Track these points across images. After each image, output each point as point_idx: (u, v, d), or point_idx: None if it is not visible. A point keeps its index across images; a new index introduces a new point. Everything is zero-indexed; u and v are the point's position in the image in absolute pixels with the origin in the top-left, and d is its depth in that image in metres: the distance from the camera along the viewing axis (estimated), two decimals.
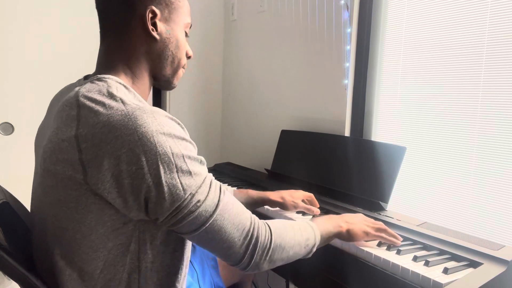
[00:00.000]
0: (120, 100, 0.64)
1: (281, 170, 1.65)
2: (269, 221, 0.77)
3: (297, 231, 0.80)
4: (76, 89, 0.67)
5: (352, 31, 1.51)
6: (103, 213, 0.64)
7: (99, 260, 0.66)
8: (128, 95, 0.67)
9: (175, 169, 0.63)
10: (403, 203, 1.38)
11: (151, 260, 0.70)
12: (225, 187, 0.74)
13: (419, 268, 0.83)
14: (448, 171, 1.26)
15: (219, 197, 0.69)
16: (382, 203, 1.19)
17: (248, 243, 0.71)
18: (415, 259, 0.87)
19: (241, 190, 1.18)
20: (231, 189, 1.19)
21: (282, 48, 1.87)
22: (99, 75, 0.71)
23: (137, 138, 0.60)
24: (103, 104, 0.63)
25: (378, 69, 1.51)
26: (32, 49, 1.80)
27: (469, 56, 1.20)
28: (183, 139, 0.66)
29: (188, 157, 0.65)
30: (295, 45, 1.79)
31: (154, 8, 0.74)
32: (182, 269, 0.75)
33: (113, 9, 0.74)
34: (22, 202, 0.90)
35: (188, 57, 0.85)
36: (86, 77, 0.77)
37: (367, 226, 0.95)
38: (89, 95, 0.65)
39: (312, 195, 1.22)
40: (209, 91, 2.36)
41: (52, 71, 1.84)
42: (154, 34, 0.75)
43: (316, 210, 1.18)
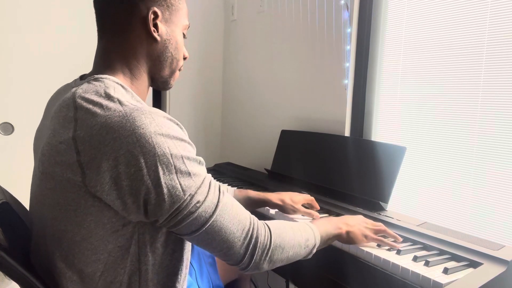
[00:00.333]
0: (118, 101, 0.63)
1: (281, 170, 1.65)
2: (269, 222, 0.77)
3: (296, 231, 0.80)
4: (73, 90, 0.67)
5: (352, 31, 1.51)
6: (102, 215, 0.64)
7: (99, 263, 0.66)
8: (125, 95, 0.66)
9: (174, 170, 0.62)
10: (403, 203, 1.38)
11: (151, 261, 0.69)
12: (225, 187, 0.74)
13: (419, 268, 0.83)
14: (448, 171, 1.26)
15: (218, 198, 0.69)
16: (382, 203, 1.19)
17: (248, 243, 0.71)
18: (415, 259, 0.88)
19: (241, 190, 1.17)
20: (232, 189, 1.18)
21: (282, 48, 1.87)
22: (96, 75, 0.70)
23: (135, 140, 0.60)
24: (100, 105, 0.62)
25: (378, 69, 1.51)
26: (32, 49, 1.80)
27: (469, 56, 1.20)
28: (181, 140, 0.66)
29: (187, 158, 0.65)
30: (295, 45, 1.79)
31: (156, 9, 0.74)
32: (182, 270, 0.75)
33: (113, 8, 0.74)
34: (22, 202, 0.90)
35: (184, 58, 0.85)
36: (82, 77, 0.76)
37: (366, 228, 0.95)
38: (86, 96, 0.64)
39: (313, 198, 1.21)
40: (209, 91, 2.36)
41: (52, 71, 1.84)
42: (155, 35, 0.75)
43: (316, 214, 1.16)
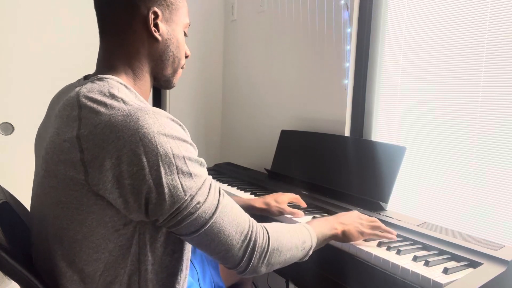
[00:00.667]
0: (122, 100, 0.64)
1: (281, 170, 1.65)
2: (267, 224, 0.77)
3: (293, 233, 0.80)
4: (77, 89, 0.67)
5: (352, 31, 1.51)
6: (104, 214, 0.64)
7: (100, 262, 0.66)
8: (129, 95, 0.67)
9: (175, 170, 0.63)
10: (403, 203, 1.38)
11: (150, 262, 0.69)
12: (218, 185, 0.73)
13: (419, 268, 0.83)
14: (448, 171, 1.26)
15: (218, 199, 0.69)
16: (382, 203, 1.19)
17: (246, 246, 0.71)
18: (415, 259, 0.88)
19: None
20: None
21: (282, 48, 1.87)
22: (100, 75, 0.70)
23: (138, 139, 0.60)
24: (104, 104, 0.63)
25: (378, 69, 1.51)
26: (32, 49, 1.80)
27: (469, 56, 1.20)
28: (184, 140, 0.66)
29: (189, 158, 0.65)
30: (295, 45, 1.79)
31: (156, 9, 0.74)
32: (182, 271, 0.75)
33: (113, 9, 0.74)
34: (22, 202, 0.90)
35: (186, 56, 0.85)
36: (86, 77, 0.76)
37: (361, 225, 0.96)
38: (90, 95, 0.64)
39: (298, 196, 1.21)
40: (209, 91, 2.36)
41: (52, 71, 1.84)
42: (156, 35, 0.75)
43: (301, 213, 1.15)
